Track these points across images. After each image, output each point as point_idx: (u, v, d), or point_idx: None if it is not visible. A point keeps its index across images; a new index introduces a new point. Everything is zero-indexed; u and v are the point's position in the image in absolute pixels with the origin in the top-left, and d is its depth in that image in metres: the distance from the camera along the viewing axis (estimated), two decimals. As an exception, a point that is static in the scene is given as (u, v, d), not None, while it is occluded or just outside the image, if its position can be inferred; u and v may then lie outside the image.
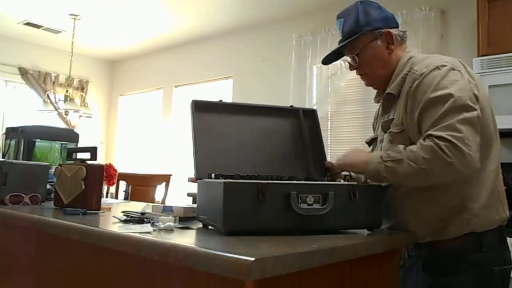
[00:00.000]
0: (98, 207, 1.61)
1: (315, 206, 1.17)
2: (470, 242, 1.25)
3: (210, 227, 1.22)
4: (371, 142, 1.57)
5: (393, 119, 1.36)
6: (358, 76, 1.51)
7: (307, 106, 4.23)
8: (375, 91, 1.53)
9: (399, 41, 1.42)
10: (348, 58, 1.47)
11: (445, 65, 1.27)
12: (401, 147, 1.23)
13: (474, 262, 1.24)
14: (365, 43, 1.40)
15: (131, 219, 1.32)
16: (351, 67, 1.47)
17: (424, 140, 1.19)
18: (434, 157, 1.15)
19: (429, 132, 1.18)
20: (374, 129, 1.61)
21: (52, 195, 1.80)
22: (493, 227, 1.27)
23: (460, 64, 1.31)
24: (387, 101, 1.43)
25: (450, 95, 1.20)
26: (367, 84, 1.49)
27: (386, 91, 1.41)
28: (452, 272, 1.25)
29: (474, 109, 1.20)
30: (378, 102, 1.54)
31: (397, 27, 1.44)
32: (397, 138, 1.32)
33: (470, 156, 1.14)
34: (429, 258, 1.30)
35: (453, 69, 1.26)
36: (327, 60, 1.53)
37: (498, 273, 1.25)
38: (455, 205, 1.25)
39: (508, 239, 2.44)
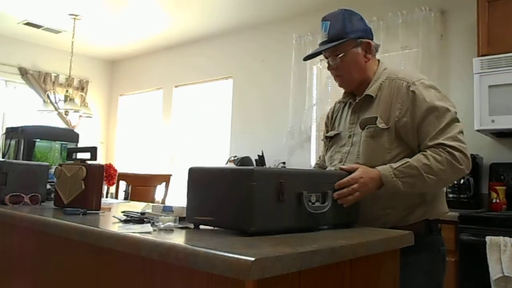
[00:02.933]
0: (98, 207, 1.61)
1: (317, 204, 1.26)
2: (423, 227, 1.50)
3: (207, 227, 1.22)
4: (332, 138, 1.71)
5: (376, 117, 1.52)
6: None
7: (307, 106, 4.24)
8: None
9: (374, 51, 1.62)
10: (325, 60, 1.64)
11: (431, 82, 1.55)
12: (411, 161, 1.41)
13: (428, 243, 1.50)
14: (347, 48, 1.57)
15: (131, 219, 1.32)
16: (329, 67, 1.63)
17: (434, 148, 1.42)
18: (450, 167, 1.40)
19: (441, 141, 1.42)
20: (327, 126, 1.82)
21: (52, 195, 1.80)
22: (438, 217, 1.56)
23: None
24: (363, 101, 1.59)
25: (447, 109, 1.47)
26: (340, 85, 1.67)
27: (366, 93, 1.58)
28: (412, 252, 1.36)
29: (459, 120, 1.49)
30: (345, 102, 1.72)
31: (373, 39, 1.63)
32: (381, 134, 1.50)
33: (469, 161, 1.44)
34: None
35: (436, 87, 1.54)
36: (308, 58, 1.72)
37: (443, 252, 1.56)
38: (418, 199, 1.50)
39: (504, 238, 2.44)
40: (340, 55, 1.57)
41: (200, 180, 1.25)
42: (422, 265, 1.48)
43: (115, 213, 1.54)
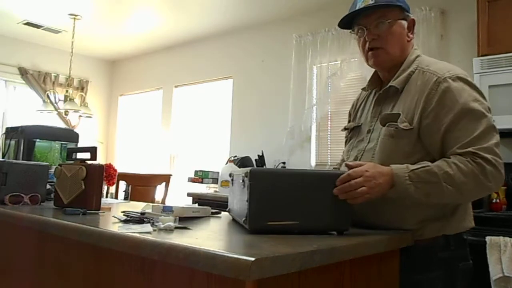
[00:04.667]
0: (98, 207, 1.61)
1: None
2: (440, 241, 1.30)
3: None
4: (352, 130, 1.55)
5: (399, 114, 1.32)
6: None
7: (307, 106, 4.24)
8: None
9: (414, 32, 1.43)
10: (357, 32, 1.41)
11: (466, 76, 1.31)
12: (432, 167, 1.21)
13: (443, 260, 1.30)
14: (396, 17, 1.37)
15: (131, 219, 1.32)
16: (370, 35, 1.38)
17: (464, 156, 1.21)
18: (475, 182, 1.19)
19: (473, 150, 1.20)
20: (350, 116, 1.61)
21: (52, 195, 1.80)
22: (460, 231, 1.35)
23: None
24: (386, 93, 1.41)
25: (483, 113, 1.25)
26: (375, 62, 1.41)
27: (390, 84, 1.39)
28: (424, 269, 1.29)
29: (496, 129, 1.28)
30: (369, 90, 1.54)
31: None
32: (403, 135, 1.30)
33: (502, 179, 1.22)
34: (401, 255, 1.31)
35: (471, 82, 1.31)
36: (343, 24, 1.45)
37: (462, 269, 1.33)
38: (434, 212, 1.30)
39: (499, 238, 2.43)
40: (388, 21, 1.35)
41: (274, 184, 1.18)
42: (436, 284, 1.29)
43: (115, 213, 1.54)
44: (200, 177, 4.26)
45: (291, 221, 1.15)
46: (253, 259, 0.80)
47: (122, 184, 4.14)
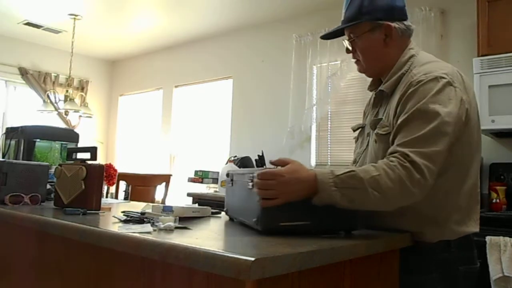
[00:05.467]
0: (98, 207, 1.61)
1: None
2: (440, 243, 1.27)
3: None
4: (359, 130, 1.56)
5: (381, 119, 1.34)
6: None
7: (307, 106, 4.23)
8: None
9: (399, 35, 1.37)
10: (346, 41, 1.46)
11: (444, 78, 1.24)
12: (358, 172, 1.16)
13: (443, 261, 1.26)
14: (362, 31, 1.38)
15: (131, 219, 1.32)
16: (347, 51, 1.46)
17: (394, 156, 1.17)
18: (400, 188, 1.14)
19: (406, 151, 1.16)
20: (364, 115, 1.59)
21: (52, 195, 1.80)
22: (461, 236, 1.29)
23: (458, 76, 1.29)
24: (378, 96, 1.43)
25: (438, 115, 1.18)
26: (359, 70, 1.48)
27: (380, 88, 1.39)
28: (423, 270, 1.27)
29: (450, 139, 1.20)
30: (371, 90, 1.54)
31: (405, 18, 1.38)
32: (382, 140, 1.31)
33: (429, 187, 1.17)
34: (401, 256, 1.30)
35: (450, 84, 1.23)
36: (327, 37, 1.50)
37: (464, 272, 1.28)
38: (431, 216, 1.27)
39: (503, 238, 2.43)
40: (352, 39, 1.40)
41: None
42: (436, 286, 1.26)
43: (115, 213, 1.54)
44: (200, 177, 4.26)
45: (302, 221, 1.15)
46: (253, 259, 0.80)
47: (122, 184, 4.14)
